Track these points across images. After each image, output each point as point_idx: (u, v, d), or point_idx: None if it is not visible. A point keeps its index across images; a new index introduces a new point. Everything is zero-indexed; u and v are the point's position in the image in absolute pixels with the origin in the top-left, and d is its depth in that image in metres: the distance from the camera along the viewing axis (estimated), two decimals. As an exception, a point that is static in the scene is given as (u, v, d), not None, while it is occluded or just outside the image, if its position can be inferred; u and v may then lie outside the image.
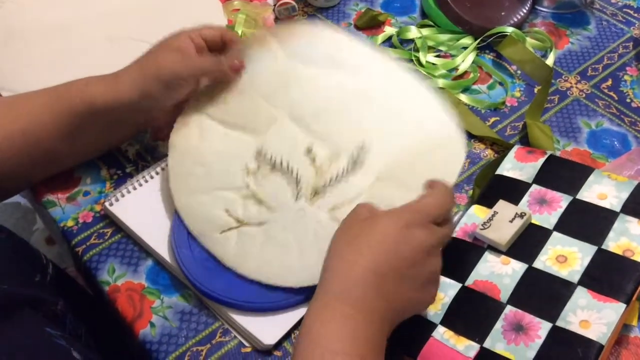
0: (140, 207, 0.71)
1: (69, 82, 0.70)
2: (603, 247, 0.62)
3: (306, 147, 0.71)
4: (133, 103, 0.68)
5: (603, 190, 0.66)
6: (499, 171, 0.71)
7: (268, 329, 0.63)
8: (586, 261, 0.61)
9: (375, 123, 0.71)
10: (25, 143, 0.68)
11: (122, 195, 0.72)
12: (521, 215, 0.65)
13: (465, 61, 0.87)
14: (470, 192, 0.74)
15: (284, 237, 0.67)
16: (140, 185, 0.73)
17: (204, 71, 0.71)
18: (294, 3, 0.93)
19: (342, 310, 0.52)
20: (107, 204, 0.72)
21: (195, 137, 0.72)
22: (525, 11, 0.91)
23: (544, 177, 0.69)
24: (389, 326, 0.55)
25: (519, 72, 0.87)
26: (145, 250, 0.70)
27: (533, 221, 0.66)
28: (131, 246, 0.71)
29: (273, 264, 0.66)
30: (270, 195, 0.69)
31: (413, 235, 0.54)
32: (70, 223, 0.73)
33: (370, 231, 0.55)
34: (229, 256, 0.67)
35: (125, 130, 0.75)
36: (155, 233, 0.70)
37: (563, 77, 0.87)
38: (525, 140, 0.79)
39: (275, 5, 0.94)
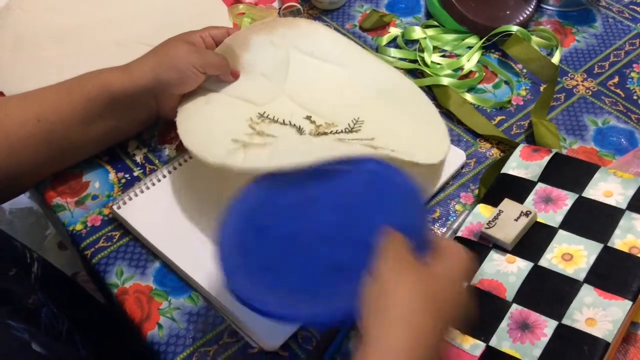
0: (147, 210, 0.72)
1: (82, 74, 0.73)
2: (609, 244, 0.62)
3: (306, 116, 0.75)
4: (148, 87, 0.72)
5: (609, 188, 0.66)
6: (504, 170, 0.71)
7: (274, 330, 0.63)
8: (592, 259, 0.61)
9: (365, 105, 0.77)
10: (40, 130, 0.70)
11: (130, 199, 0.73)
12: (526, 214, 0.65)
13: (470, 61, 0.87)
14: (476, 191, 0.74)
15: (290, 150, 0.67)
16: (148, 188, 0.74)
17: (213, 66, 0.76)
18: (299, 6, 0.94)
19: None
20: (115, 207, 0.72)
21: (202, 102, 0.76)
22: (530, 10, 0.91)
23: (549, 176, 0.69)
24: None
25: (524, 70, 0.87)
26: (152, 253, 0.71)
27: (538, 219, 0.65)
28: (139, 249, 0.71)
29: (282, 159, 0.63)
30: (275, 131, 0.71)
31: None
32: (79, 227, 0.74)
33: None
34: (237, 165, 0.65)
35: (137, 116, 0.76)
36: (162, 235, 0.70)
37: (569, 75, 0.86)
38: (531, 139, 0.79)
39: (280, 8, 0.94)
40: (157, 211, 0.72)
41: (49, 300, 0.69)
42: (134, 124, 0.78)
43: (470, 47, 0.89)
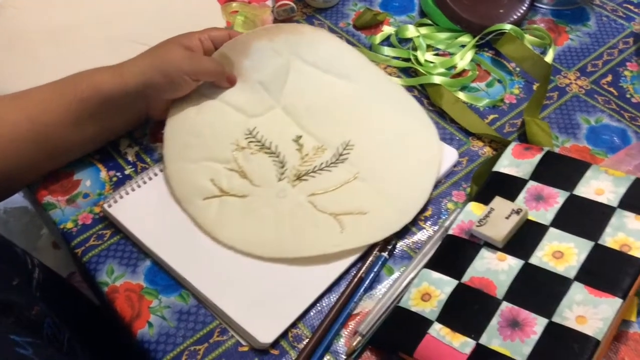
0: (138, 209, 0.72)
1: (74, 74, 0.73)
2: (600, 242, 0.62)
3: (295, 136, 0.76)
4: (138, 91, 0.72)
5: (600, 186, 0.66)
6: (496, 168, 0.71)
7: (265, 327, 0.63)
8: (583, 257, 0.61)
9: (360, 124, 0.77)
10: (33, 131, 0.70)
11: (121, 197, 0.73)
12: (517, 212, 0.64)
13: (463, 59, 0.87)
14: (468, 189, 0.74)
15: (263, 211, 0.71)
16: (139, 186, 0.74)
17: (207, 74, 0.76)
18: (292, 4, 0.94)
19: None
20: (105, 205, 0.72)
21: (192, 112, 0.77)
22: (524, 8, 0.91)
23: (540, 174, 0.68)
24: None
25: (517, 69, 0.87)
26: (143, 251, 0.71)
27: (529, 217, 0.65)
28: (130, 247, 0.71)
29: (248, 233, 0.69)
30: (255, 172, 0.73)
31: None
32: (69, 225, 0.73)
33: None
34: (208, 222, 0.70)
35: (129, 116, 0.76)
36: (153, 234, 0.70)
37: (562, 73, 0.86)
38: (523, 137, 0.78)
39: (274, 6, 0.94)
40: (148, 210, 0.72)
41: (51, 309, 0.69)
42: (127, 125, 0.78)
43: (463, 46, 0.89)
